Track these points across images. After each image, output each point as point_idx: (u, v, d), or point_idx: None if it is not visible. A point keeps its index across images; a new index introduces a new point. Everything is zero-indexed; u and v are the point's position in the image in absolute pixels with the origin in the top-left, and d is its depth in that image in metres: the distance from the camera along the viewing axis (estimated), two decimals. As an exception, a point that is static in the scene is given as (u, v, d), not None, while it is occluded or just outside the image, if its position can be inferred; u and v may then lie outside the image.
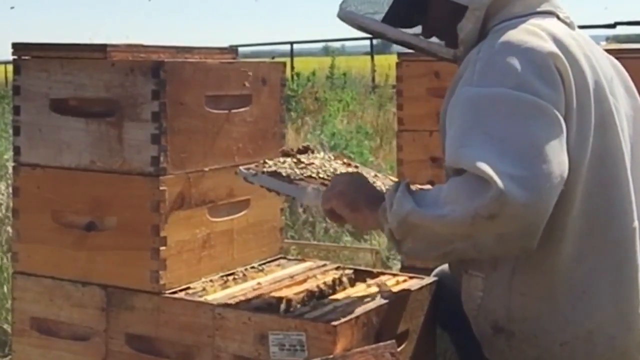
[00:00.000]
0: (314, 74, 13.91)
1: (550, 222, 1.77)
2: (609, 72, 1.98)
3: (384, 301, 2.12)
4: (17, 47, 2.42)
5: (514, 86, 1.76)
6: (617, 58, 2.10)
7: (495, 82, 1.78)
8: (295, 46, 18.21)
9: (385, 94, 12.62)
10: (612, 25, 11.22)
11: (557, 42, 1.85)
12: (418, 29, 2.09)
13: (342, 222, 1.99)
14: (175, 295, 2.20)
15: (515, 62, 1.78)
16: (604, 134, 1.87)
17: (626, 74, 2.06)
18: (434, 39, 2.07)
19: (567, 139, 1.79)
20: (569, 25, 1.99)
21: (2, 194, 5.03)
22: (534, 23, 1.90)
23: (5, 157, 6.41)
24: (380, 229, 1.87)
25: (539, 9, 1.95)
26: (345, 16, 2.10)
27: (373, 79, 15.39)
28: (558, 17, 1.97)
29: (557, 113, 1.76)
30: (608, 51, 2.09)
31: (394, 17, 2.07)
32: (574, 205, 1.83)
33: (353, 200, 1.92)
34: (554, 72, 1.79)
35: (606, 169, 1.86)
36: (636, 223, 1.89)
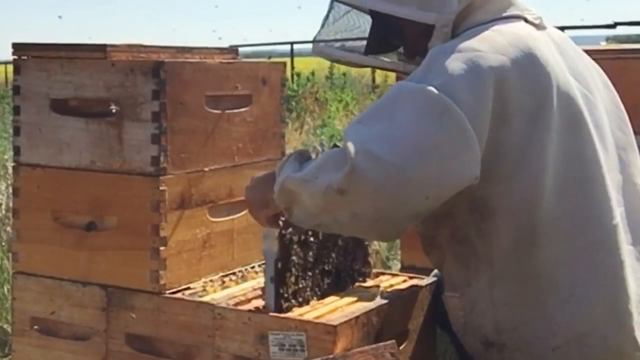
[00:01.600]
0: (313, 74, 13.91)
1: (520, 227, 1.79)
2: (584, 70, 1.98)
3: (384, 301, 2.12)
4: (17, 47, 2.42)
5: (438, 85, 1.76)
6: (617, 58, 2.11)
7: (426, 78, 1.79)
8: (295, 46, 18.21)
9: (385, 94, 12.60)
10: (612, 26, 11.22)
11: (517, 49, 1.84)
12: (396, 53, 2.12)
13: (276, 225, 2.02)
14: (175, 295, 2.20)
15: (452, 65, 1.79)
16: (575, 133, 1.86)
17: (599, 68, 2.06)
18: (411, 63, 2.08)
19: (525, 146, 1.79)
20: (538, 26, 1.98)
21: (2, 194, 5.03)
22: (494, 29, 1.89)
23: (5, 157, 6.41)
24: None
25: (504, 14, 1.95)
26: (320, 51, 2.13)
27: (373, 79, 15.38)
28: (526, 20, 1.96)
29: (467, 125, 1.74)
30: (608, 51, 2.09)
31: (374, 45, 2.09)
32: (543, 208, 1.82)
33: (261, 198, 1.97)
34: (487, 86, 1.78)
35: (580, 168, 1.86)
36: (616, 220, 1.88)
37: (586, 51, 2.11)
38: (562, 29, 11.53)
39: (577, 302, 1.85)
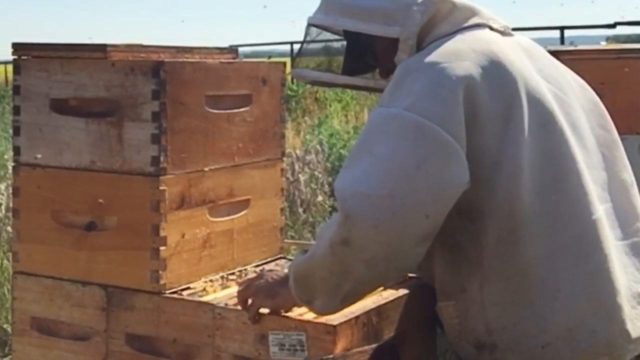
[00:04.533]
0: (313, 74, 13.89)
1: (501, 227, 1.82)
2: (555, 72, 2.01)
3: (384, 301, 2.12)
4: (17, 47, 2.42)
5: (407, 107, 1.79)
6: (617, 58, 2.11)
7: (395, 102, 1.82)
8: (295, 46, 18.19)
9: (384, 94, 12.61)
10: (612, 25, 11.21)
11: (482, 56, 1.86)
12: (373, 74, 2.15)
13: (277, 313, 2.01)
14: (176, 295, 2.20)
15: (418, 84, 1.81)
16: (547, 131, 1.88)
17: (572, 72, 2.08)
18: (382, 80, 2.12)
19: (500, 149, 1.81)
20: (503, 33, 2.01)
21: (2, 194, 5.04)
22: (461, 39, 1.92)
23: (6, 157, 6.41)
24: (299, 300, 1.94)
25: (466, 24, 1.98)
26: (297, 75, 2.19)
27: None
28: (491, 28, 1.99)
29: (444, 134, 1.76)
30: (608, 51, 2.09)
31: (351, 66, 2.13)
32: (522, 207, 1.84)
33: (270, 288, 1.98)
34: (455, 93, 1.80)
35: (555, 165, 1.88)
36: (598, 214, 1.90)
37: (586, 51, 2.12)
38: (562, 29, 11.52)
39: (563, 298, 1.86)
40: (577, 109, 1.98)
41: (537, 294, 1.87)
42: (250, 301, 2.01)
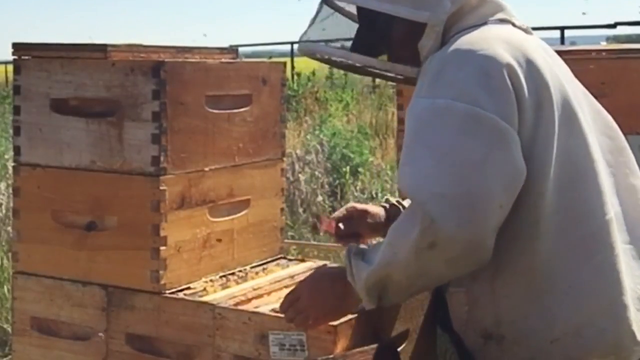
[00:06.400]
0: (314, 73, 13.91)
1: (523, 220, 1.80)
2: (568, 75, 2.01)
3: (384, 301, 2.12)
4: (17, 47, 2.42)
5: (455, 96, 1.76)
6: (617, 58, 2.11)
7: (440, 93, 1.79)
8: (295, 46, 18.17)
9: (385, 94, 12.62)
10: (612, 25, 11.22)
11: (513, 47, 1.85)
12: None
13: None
14: (176, 295, 2.21)
15: (462, 72, 1.79)
16: (569, 132, 1.88)
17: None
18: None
19: (533, 140, 1.80)
20: (525, 31, 2.00)
21: (3, 194, 5.04)
22: (489, 29, 1.91)
23: (6, 157, 6.41)
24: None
25: (493, 18, 1.96)
26: (304, 48, 2.09)
27: (373, 79, 15.38)
28: (514, 25, 1.99)
29: (500, 122, 1.75)
30: (608, 51, 2.09)
31: (357, 48, 2.08)
32: (545, 202, 1.84)
33: (324, 305, 1.92)
34: (503, 79, 1.79)
35: (574, 164, 1.88)
36: (609, 215, 1.90)
37: (586, 51, 2.12)
38: (562, 29, 11.52)
39: (575, 294, 1.86)
40: (586, 112, 1.98)
41: (548, 289, 1.87)
42: (301, 314, 1.93)
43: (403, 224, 1.78)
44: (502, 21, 1.98)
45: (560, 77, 1.93)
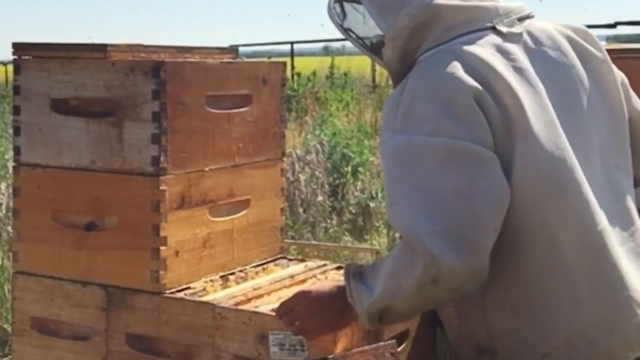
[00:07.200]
0: (314, 73, 13.90)
1: (507, 235, 1.79)
2: (561, 70, 1.94)
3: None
4: (17, 47, 2.42)
5: (430, 132, 1.77)
6: (617, 58, 2.09)
7: (415, 129, 1.79)
8: (295, 46, 18.19)
9: (385, 94, 12.61)
10: (612, 25, 11.22)
11: (476, 67, 1.82)
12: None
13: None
14: (176, 295, 2.21)
15: (431, 104, 1.78)
16: (550, 140, 1.83)
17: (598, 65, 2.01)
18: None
19: (510, 155, 1.79)
20: (505, 35, 1.91)
21: (3, 194, 5.03)
22: (452, 50, 1.86)
23: (6, 157, 6.41)
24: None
25: (466, 30, 1.90)
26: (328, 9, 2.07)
27: (373, 79, 15.37)
28: (494, 28, 1.91)
29: (477, 148, 1.75)
30: (608, 51, 2.07)
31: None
32: (529, 216, 1.82)
33: (324, 319, 1.93)
34: (471, 104, 1.78)
35: (558, 175, 1.84)
36: (602, 224, 1.87)
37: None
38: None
39: (567, 308, 1.85)
40: (582, 110, 1.93)
41: (539, 303, 1.86)
42: (298, 322, 1.94)
43: (405, 256, 1.76)
44: (477, 31, 1.90)
45: (539, 85, 1.86)
